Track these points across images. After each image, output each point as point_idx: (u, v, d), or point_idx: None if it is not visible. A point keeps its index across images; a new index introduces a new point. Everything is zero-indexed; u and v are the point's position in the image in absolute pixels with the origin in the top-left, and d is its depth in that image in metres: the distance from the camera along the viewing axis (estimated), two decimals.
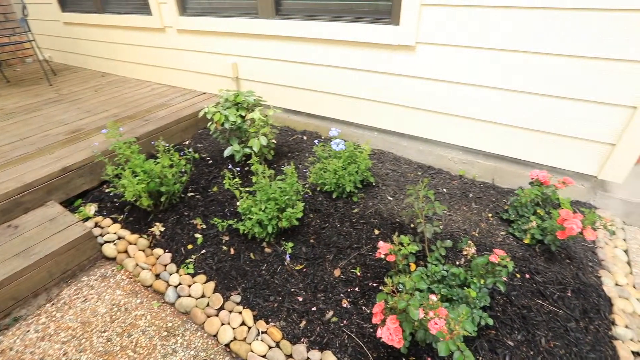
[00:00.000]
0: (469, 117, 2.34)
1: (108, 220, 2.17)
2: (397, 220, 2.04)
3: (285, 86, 3.08)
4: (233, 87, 3.41)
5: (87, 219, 2.17)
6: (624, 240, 2.04)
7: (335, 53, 2.64)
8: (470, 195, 2.28)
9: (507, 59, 2.05)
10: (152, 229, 2.08)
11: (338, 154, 2.21)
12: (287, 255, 1.83)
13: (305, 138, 3.02)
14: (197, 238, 2.01)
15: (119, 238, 2.07)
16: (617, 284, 1.72)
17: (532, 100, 2.09)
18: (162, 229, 2.09)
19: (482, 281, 1.43)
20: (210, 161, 2.72)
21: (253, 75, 3.25)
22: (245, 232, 1.90)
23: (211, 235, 2.02)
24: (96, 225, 2.15)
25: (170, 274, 1.84)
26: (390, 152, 2.77)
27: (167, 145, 2.38)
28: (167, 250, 1.97)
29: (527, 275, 1.70)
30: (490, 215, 2.11)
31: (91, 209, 2.23)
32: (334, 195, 2.21)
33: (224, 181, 1.99)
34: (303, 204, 1.92)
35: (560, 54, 1.90)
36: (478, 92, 2.23)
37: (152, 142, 2.71)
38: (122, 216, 2.20)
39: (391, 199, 2.22)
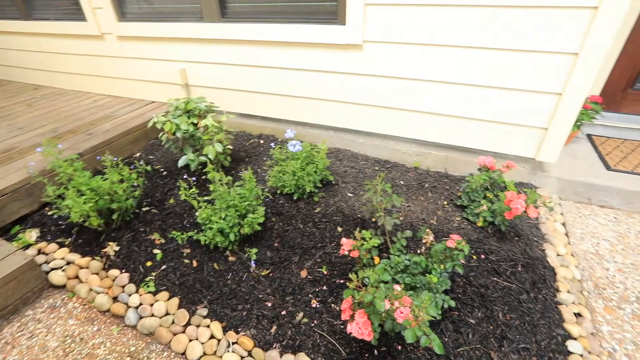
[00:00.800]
0: (419, 110, 2.44)
1: (53, 245, 2.00)
2: (359, 215, 2.08)
3: (237, 90, 3.03)
4: (183, 95, 3.29)
5: (27, 246, 1.98)
6: (561, 214, 2.25)
7: (285, 55, 2.64)
8: (426, 185, 2.39)
9: (449, 54, 2.17)
10: (105, 250, 1.95)
11: (295, 156, 2.21)
12: (252, 262, 1.80)
13: (261, 142, 2.98)
14: (156, 254, 1.91)
15: (68, 263, 1.92)
16: (558, 255, 1.89)
17: (475, 92, 2.23)
18: (117, 249, 1.96)
19: (442, 266, 1.50)
20: (165, 172, 2.60)
21: (203, 81, 3.15)
22: (206, 242, 1.84)
23: (171, 250, 1.94)
24: (39, 252, 1.97)
25: (130, 295, 1.74)
26: (348, 149, 2.83)
27: (115, 159, 2.24)
28: (124, 270, 1.86)
29: (483, 256, 1.82)
30: (445, 202, 2.22)
31: (32, 234, 2.04)
32: (295, 197, 2.21)
33: (180, 192, 1.91)
34: (264, 208, 1.90)
35: (496, 47, 2.04)
36: (425, 86, 2.33)
37: (98, 158, 2.54)
38: (69, 239, 2.04)
39: (351, 195, 2.26)
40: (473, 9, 1.99)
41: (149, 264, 1.87)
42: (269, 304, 1.63)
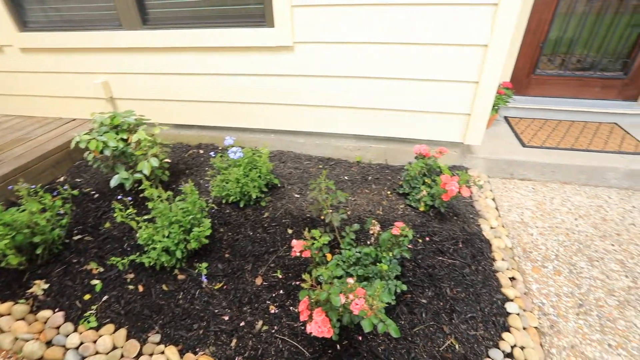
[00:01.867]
0: (355, 106, 2.53)
1: None
2: (308, 215, 2.10)
3: (169, 100, 2.87)
4: (109, 109, 3.03)
5: None
6: (491, 190, 2.48)
7: (217, 60, 2.56)
8: (370, 178, 2.48)
9: (377, 51, 2.27)
10: (31, 290, 1.73)
11: (237, 162, 2.16)
12: (204, 277, 1.73)
13: (201, 152, 2.87)
14: (95, 284, 1.75)
15: None
16: (491, 227, 2.09)
17: (404, 85, 2.36)
18: (46, 286, 1.76)
19: (390, 254, 1.57)
20: (96, 195, 2.39)
21: (130, 93, 2.94)
22: (151, 264, 1.73)
23: (112, 277, 1.78)
24: None
25: (67, 335, 1.57)
26: (290, 150, 2.83)
27: (33, 187, 2.00)
28: (57, 310, 1.67)
29: (427, 238, 1.94)
30: (389, 192, 2.32)
31: None
32: (241, 204, 2.16)
33: (116, 214, 1.77)
34: (210, 220, 1.84)
35: (419, 42, 2.18)
36: (357, 82, 2.42)
37: (10, 187, 2.25)
38: None
39: (298, 196, 2.28)
40: (396, 7, 2.10)
41: (87, 297, 1.71)
42: (226, 318, 1.58)
